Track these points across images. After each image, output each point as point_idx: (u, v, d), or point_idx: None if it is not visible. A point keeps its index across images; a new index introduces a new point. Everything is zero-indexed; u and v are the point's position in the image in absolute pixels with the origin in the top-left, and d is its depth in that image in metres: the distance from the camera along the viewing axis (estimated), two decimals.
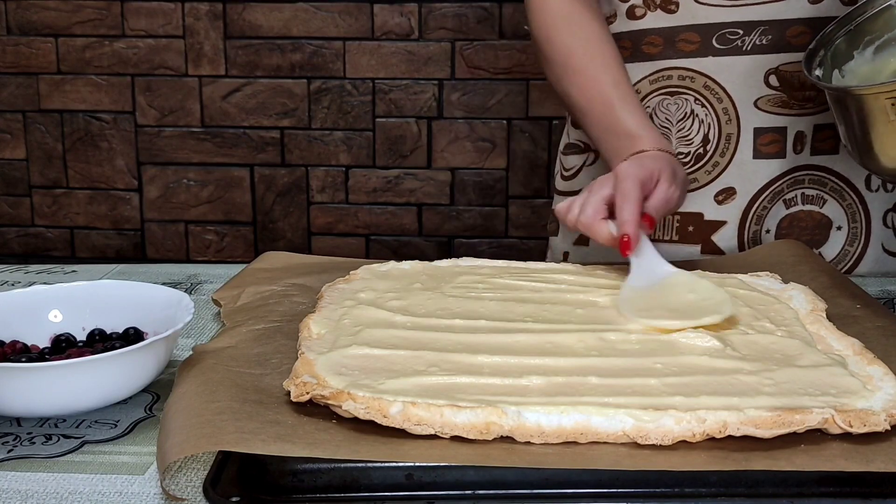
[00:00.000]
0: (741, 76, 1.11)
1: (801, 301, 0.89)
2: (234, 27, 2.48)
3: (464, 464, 0.64)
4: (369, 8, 2.44)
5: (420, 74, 2.47)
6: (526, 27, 1.18)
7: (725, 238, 1.15)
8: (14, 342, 0.82)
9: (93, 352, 0.78)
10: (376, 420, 0.66)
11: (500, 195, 2.51)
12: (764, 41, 1.10)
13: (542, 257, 1.30)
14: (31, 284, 0.98)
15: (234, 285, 0.99)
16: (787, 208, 1.14)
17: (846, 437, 0.66)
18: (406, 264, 1.00)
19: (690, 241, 1.16)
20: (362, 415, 0.67)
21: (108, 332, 0.85)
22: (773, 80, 1.11)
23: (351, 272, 0.97)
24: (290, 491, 0.64)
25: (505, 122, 2.46)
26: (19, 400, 0.74)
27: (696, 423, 0.66)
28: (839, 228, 1.15)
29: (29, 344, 0.83)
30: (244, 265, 1.09)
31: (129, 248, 2.61)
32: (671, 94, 1.15)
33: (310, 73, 2.49)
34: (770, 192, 1.13)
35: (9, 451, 0.72)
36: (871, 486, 0.64)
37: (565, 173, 1.27)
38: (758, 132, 1.12)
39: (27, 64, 2.54)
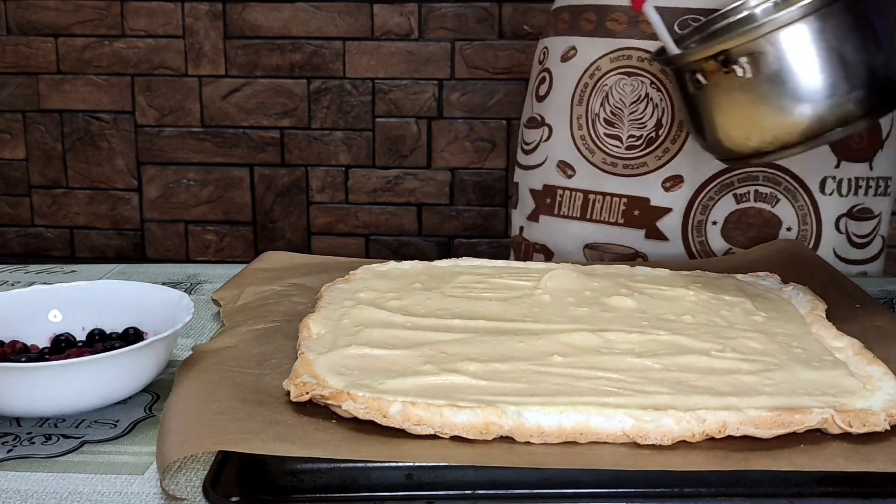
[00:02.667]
0: None
1: (801, 301, 0.89)
2: (233, 27, 2.48)
3: (463, 464, 0.64)
4: (369, 8, 2.44)
5: (420, 74, 2.47)
6: (526, 27, 1.18)
7: (670, 225, 1.14)
8: (13, 342, 0.82)
9: (92, 352, 0.78)
10: (376, 420, 0.66)
11: (499, 195, 2.51)
12: None
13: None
14: (30, 284, 0.98)
15: (234, 285, 0.99)
16: (738, 203, 1.13)
17: (846, 437, 0.66)
18: (406, 264, 1.00)
19: (635, 225, 1.15)
20: (362, 415, 0.67)
21: (108, 332, 0.85)
22: None
23: (351, 272, 0.97)
24: (290, 491, 0.64)
25: (504, 122, 2.46)
26: (19, 400, 0.74)
27: (695, 423, 0.66)
28: (789, 229, 1.14)
29: (28, 344, 0.83)
30: (244, 265, 1.09)
31: (129, 248, 2.61)
32: (629, 74, 1.14)
33: (310, 73, 2.49)
34: (718, 184, 1.13)
35: (8, 451, 0.72)
36: (871, 485, 0.64)
37: (525, 146, 1.27)
38: None
39: (27, 64, 2.54)
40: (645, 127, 1.14)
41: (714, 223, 1.14)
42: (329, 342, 0.78)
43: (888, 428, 0.66)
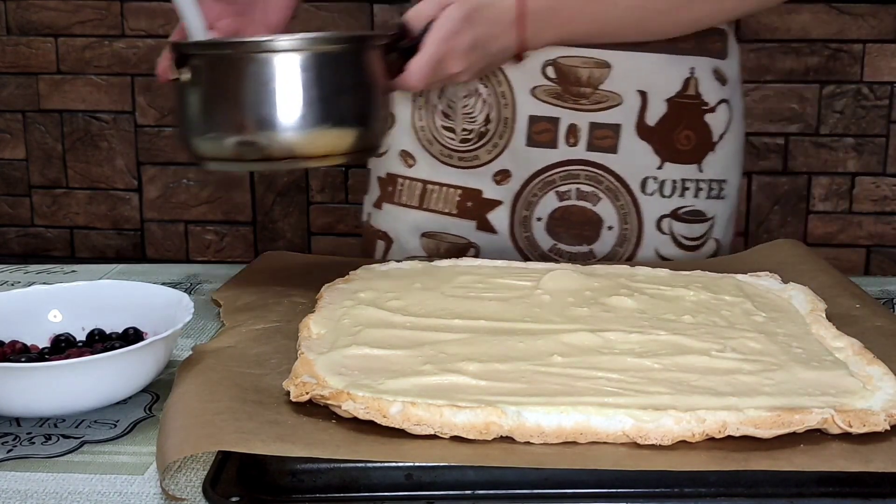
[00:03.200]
0: (520, 63, 1.10)
1: (801, 301, 0.89)
2: None
3: (463, 464, 0.64)
4: (369, 8, 2.44)
5: None
6: None
7: (499, 218, 1.16)
8: (14, 342, 0.82)
9: (92, 352, 0.78)
10: (376, 420, 0.66)
11: None
12: None
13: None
14: (30, 284, 0.98)
15: (234, 285, 0.99)
16: (560, 200, 1.14)
17: (846, 437, 0.66)
18: (406, 264, 1.00)
19: (468, 216, 1.16)
20: (362, 415, 0.67)
21: (108, 333, 0.85)
22: (550, 71, 1.10)
23: (350, 272, 0.97)
24: (290, 491, 0.64)
25: None
26: (19, 400, 0.74)
27: (695, 423, 0.66)
28: (610, 228, 1.14)
29: (28, 344, 0.83)
30: (244, 265, 1.09)
31: (129, 248, 2.61)
32: None
33: None
34: (540, 181, 1.13)
35: (8, 451, 0.72)
36: (871, 486, 0.64)
37: None
38: (532, 120, 1.12)
39: (27, 64, 2.54)
40: (475, 121, 1.14)
41: (539, 219, 1.15)
42: (329, 342, 0.78)
43: (888, 428, 0.66)
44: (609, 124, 1.11)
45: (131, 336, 0.84)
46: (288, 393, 0.70)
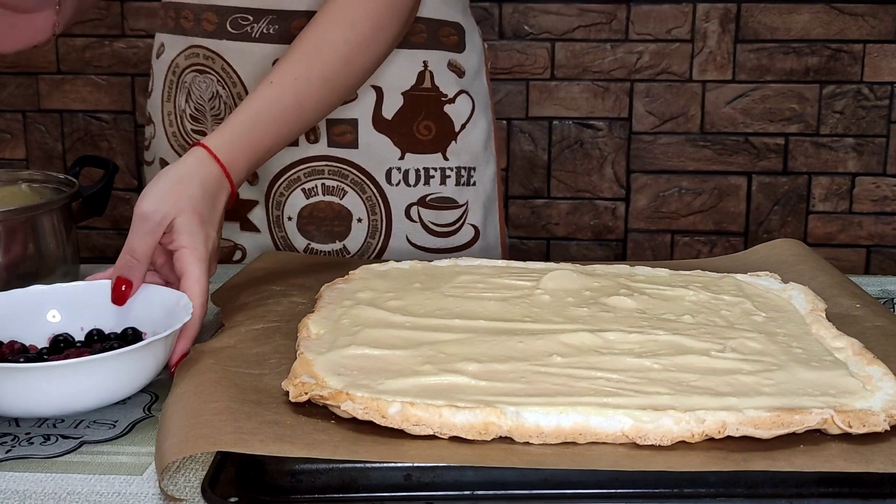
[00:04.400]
0: (252, 63, 1.12)
1: (801, 301, 0.89)
2: None
3: (462, 464, 0.64)
4: None
5: None
6: (526, 26, 1.18)
7: (258, 217, 1.17)
8: (12, 342, 0.82)
9: (91, 352, 0.78)
10: (375, 420, 0.66)
11: None
12: (271, 30, 1.11)
13: (542, 257, 1.31)
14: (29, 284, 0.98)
15: (234, 285, 0.99)
16: (308, 198, 1.15)
17: (845, 437, 0.66)
18: (405, 264, 1.00)
19: (230, 218, 1.14)
20: (361, 415, 0.67)
21: (107, 333, 0.85)
22: None
23: (350, 272, 0.97)
24: (289, 491, 0.64)
25: (505, 122, 2.46)
26: (18, 400, 0.74)
27: (695, 423, 0.65)
28: (359, 220, 1.16)
29: (27, 344, 0.83)
30: (243, 265, 1.09)
31: None
32: (200, 72, 1.16)
33: None
34: (286, 179, 1.14)
35: (7, 452, 0.72)
36: (871, 486, 0.64)
37: (145, 143, 1.29)
38: None
39: (27, 64, 2.54)
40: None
41: (290, 218, 1.16)
42: (328, 342, 0.78)
43: (888, 428, 0.66)
44: (346, 119, 1.13)
45: (130, 336, 0.84)
46: (287, 393, 0.70)
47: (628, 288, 0.92)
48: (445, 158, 1.18)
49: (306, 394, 0.69)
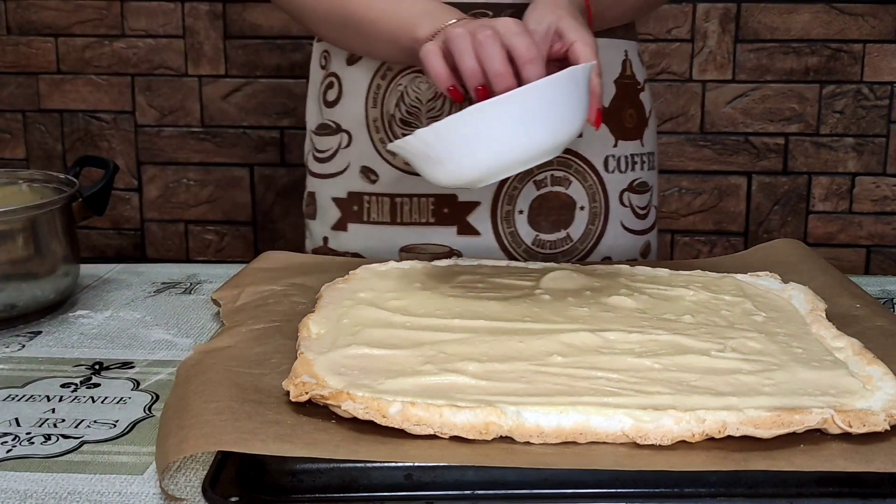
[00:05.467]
0: None
1: (801, 301, 0.89)
2: (233, 27, 2.47)
3: (463, 464, 0.64)
4: None
5: None
6: None
7: (480, 218, 1.15)
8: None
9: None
10: (375, 420, 0.66)
11: None
12: None
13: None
14: None
15: (234, 285, 0.99)
16: (539, 189, 1.15)
17: (845, 437, 0.66)
18: (406, 264, 1.00)
19: (446, 222, 1.15)
20: (361, 415, 0.67)
21: None
22: None
23: (350, 272, 0.97)
24: (290, 491, 0.64)
25: None
26: (492, 145, 0.76)
27: (695, 423, 0.65)
28: (582, 209, 1.17)
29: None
30: (244, 265, 1.09)
31: (129, 247, 2.61)
32: (421, 71, 1.11)
33: (309, 72, 2.48)
34: (520, 173, 1.13)
35: (7, 451, 0.72)
36: (871, 486, 0.64)
37: (318, 154, 1.21)
38: None
39: (27, 64, 2.54)
40: None
41: (521, 212, 1.15)
42: (328, 342, 0.78)
43: (888, 428, 0.66)
44: None
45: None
46: (287, 393, 0.70)
47: (628, 288, 0.92)
48: (642, 145, 1.21)
49: (307, 393, 0.69)
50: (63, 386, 0.83)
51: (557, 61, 0.92)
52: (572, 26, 0.91)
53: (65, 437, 0.74)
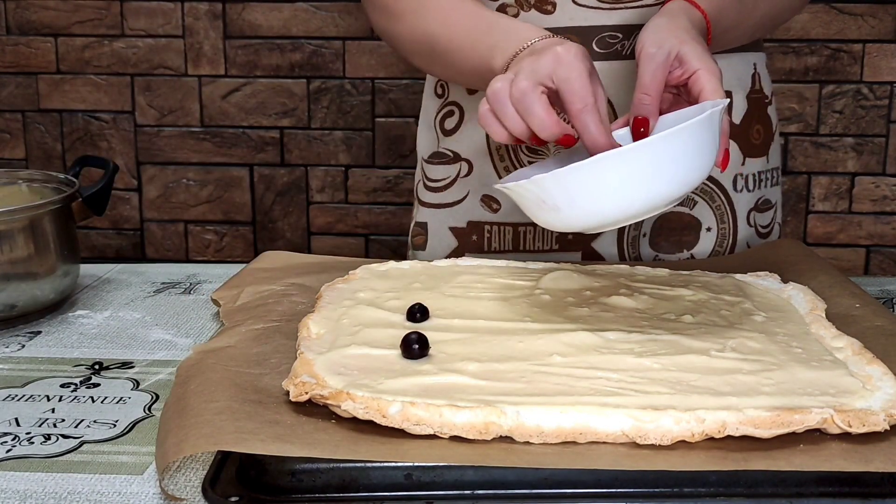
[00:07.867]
0: (622, 81, 1.07)
1: (801, 301, 0.89)
2: (233, 27, 2.48)
3: (463, 464, 0.64)
4: None
5: (420, 74, 2.47)
6: None
7: (605, 244, 1.12)
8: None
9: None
10: (375, 420, 0.66)
11: None
12: None
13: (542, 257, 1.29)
14: None
15: (234, 285, 0.99)
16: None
17: (845, 436, 0.66)
18: (405, 264, 1.00)
19: (571, 248, 1.13)
20: (361, 415, 0.67)
21: None
22: None
23: (350, 272, 0.97)
24: (289, 491, 0.64)
25: None
26: (610, 195, 0.71)
27: (695, 423, 0.65)
28: (709, 230, 1.13)
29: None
30: (243, 265, 1.09)
31: (129, 247, 2.61)
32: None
33: (309, 72, 2.49)
34: None
35: (7, 451, 0.72)
36: (870, 486, 0.64)
37: (432, 183, 1.18)
38: None
39: (27, 64, 2.54)
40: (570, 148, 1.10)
41: (644, 235, 1.13)
42: (328, 342, 0.78)
43: (888, 428, 0.66)
44: None
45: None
46: (287, 393, 0.70)
47: (628, 288, 0.92)
48: (768, 161, 1.17)
49: (307, 393, 0.69)
50: (63, 386, 0.84)
51: (674, 87, 0.88)
52: (696, 53, 0.86)
53: (65, 436, 0.74)
